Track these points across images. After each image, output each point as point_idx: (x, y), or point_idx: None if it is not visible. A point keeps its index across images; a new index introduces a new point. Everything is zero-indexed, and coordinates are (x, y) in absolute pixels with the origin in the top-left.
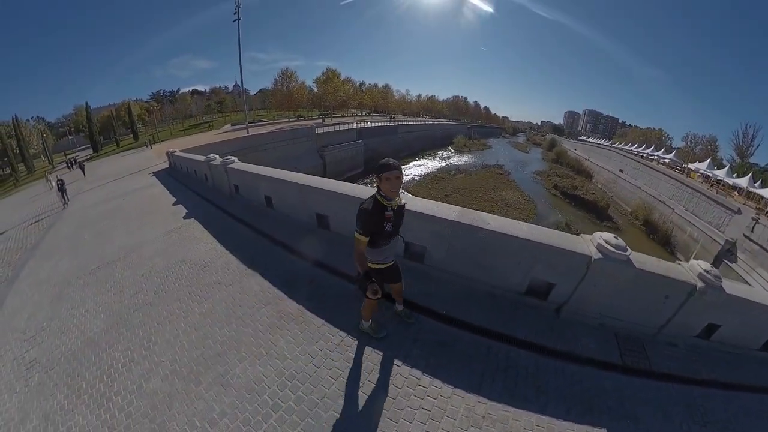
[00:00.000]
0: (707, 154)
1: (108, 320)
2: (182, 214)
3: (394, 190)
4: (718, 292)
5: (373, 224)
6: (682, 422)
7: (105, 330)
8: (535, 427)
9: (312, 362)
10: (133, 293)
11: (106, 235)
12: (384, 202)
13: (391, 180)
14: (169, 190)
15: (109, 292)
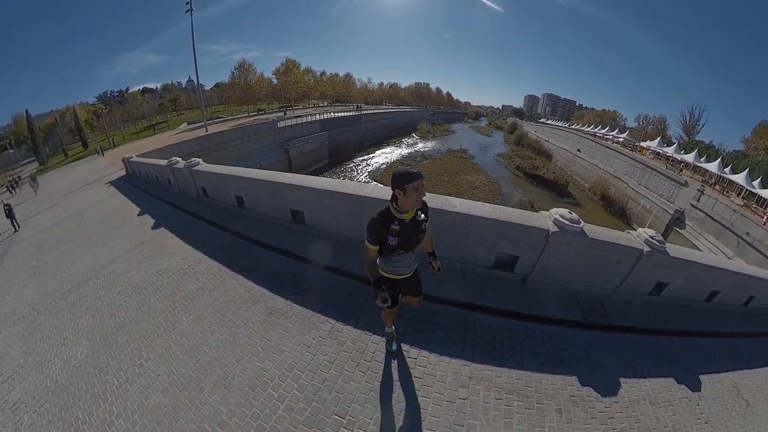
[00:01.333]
0: (657, 132)
1: (91, 344)
2: (150, 224)
3: (420, 200)
4: (662, 255)
5: (378, 235)
6: (642, 366)
7: (90, 355)
8: (515, 381)
9: (308, 351)
10: (112, 312)
11: (69, 257)
12: (395, 214)
13: (419, 190)
14: (131, 200)
15: (86, 315)
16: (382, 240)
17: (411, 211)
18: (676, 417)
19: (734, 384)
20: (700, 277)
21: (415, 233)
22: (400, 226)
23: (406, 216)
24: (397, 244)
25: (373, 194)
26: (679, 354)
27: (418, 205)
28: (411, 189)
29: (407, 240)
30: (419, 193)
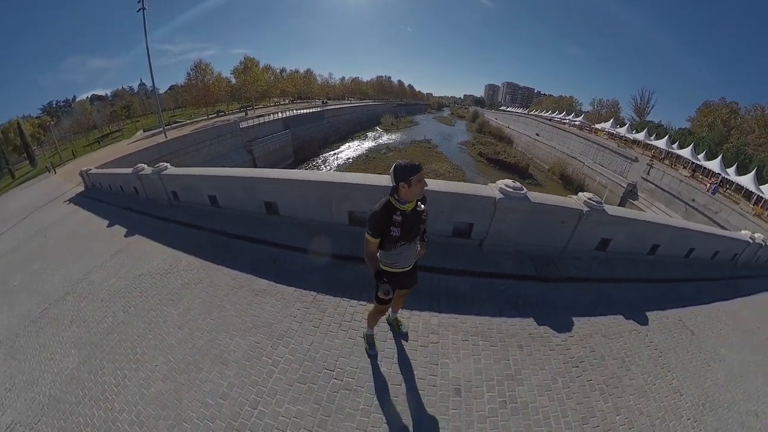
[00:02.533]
0: (611, 115)
1: (82, 353)
2: (122, 233)
3: (421, 192)
4: (600, 213)
5: (381, 227)
6: (593, 307)
7: (82, 362)
8: (478, 325)
9: (294, 320)
10: (98, 319)
11: (40, 276)
12: (397, 205)
13: (422, 182)
14: (95, 213)
15: (70, 327)
16: (385, 232)
17: (412, 202)
18: (627, 346)
19: (679, 318)
20: (640, 232)
21: (416, 223)
22: (403, 217)
23: (408, 207)
24: (399, 235)
25: (339, 180)
26: (626, 297)
27: (420, 196)
28: (415, 180)
29: (409, 230)
30: (423, 184)
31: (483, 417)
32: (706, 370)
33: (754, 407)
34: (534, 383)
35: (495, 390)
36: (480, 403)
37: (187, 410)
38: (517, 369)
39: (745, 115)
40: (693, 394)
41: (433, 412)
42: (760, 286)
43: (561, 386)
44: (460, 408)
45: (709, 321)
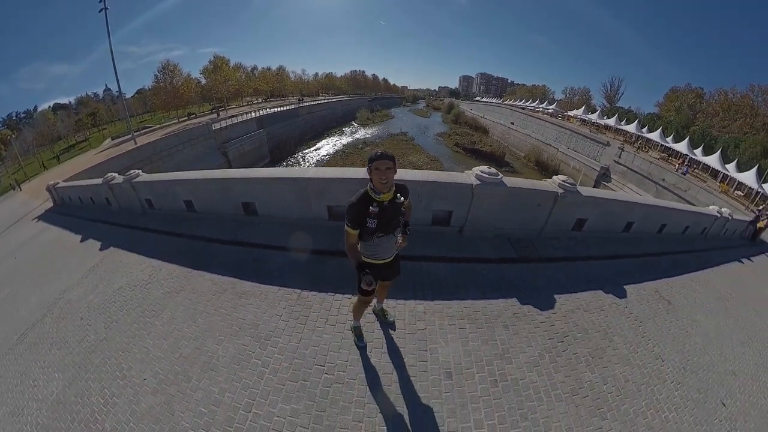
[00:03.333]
0: (583, 102)
1: (66, 375)
2: (97, 247)
3: (383, 181)
4: (575, 195)
5: (357, 217)
6: (573, 285)
7: (67, 385)
8: (463, 309)
9: (281, 319)
10: (80, 339)
11: (13, 301)
12: (372, 195)
13: (380, 171)
14: (67, 229)
15: (51, 350)
16: (362, 222)
17: (388, 193)
18: (608, 318)
19: (655, 290)
20: (614, 210)
21: (394, 215)
22: (379, 208)
23: (384, 197)
24: (376, 227)
25: (316, 175)
26: (604, 273)
27: (384, 188)
28: (373, 168)
29: (387, 222)
30: (381, 174)
31: (476, 397)
32: (684, 336)
33: (732, 367)
34: (522, 360)
35: (485, 370)
36: (471, 384)
37: (180, 422)
38: (505, 348)
39: (710, 99)
40: (674, 359)
41: (426, 397)
42: (728, 257)
43: (548, 361)
44: (453, 391)
45: (684, 291)
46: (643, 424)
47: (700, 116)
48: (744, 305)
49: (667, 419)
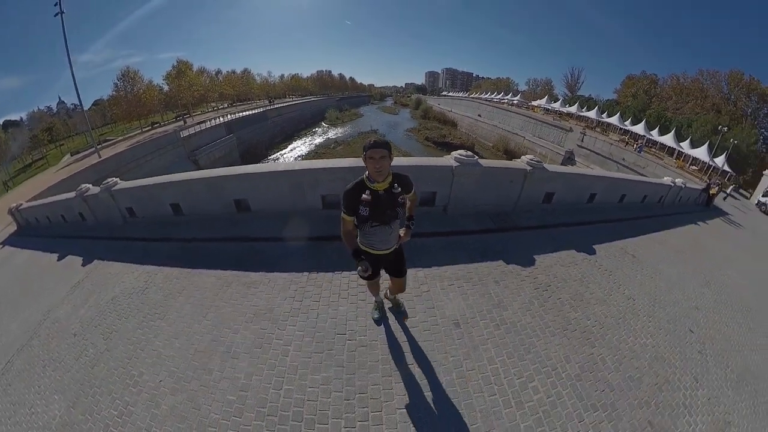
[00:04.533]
0: (546, 92)
1: (68, 395)
2: (78, 263)
3: (377, 170)
4: (542, 171)
5: (351, 204)
6: (548, 246)
7: (71, 405)
8: (457, 272)
9: (294, 300)
10: (77, 355)
11: None
12: (367, 183)
13: (374, 159)
14: (39, 250)
15: (46, 372)
16: (355, 209)
17: (383, 182)
18: (583, 270)
19: (621, 247)
20: (578, 183)
21: (389, 205)
22: (372, 196)
23: (378, 186)
24: (368, 215)
25: (309, 166)
26: (574, 237)
27: (379, 176)
28: (367, 157)
29: (381, 212)
30: (374, 163)
31: (483, 340)
32: (650, 281)
33: (694, 303)
34: (516, 307)
35: (486, 318)
36: (477, 330)
37: (209, 414)
38: (499, 299)
39: (663, 84)
40: (643, 298)
41: (441, 346)
42: (685, 220)
43: (537, 306)
44: (463, 337)
45: (646, 247)
46: (626, 348)
47: (655, 100)
48: (701, 257)
49: (646, 344)
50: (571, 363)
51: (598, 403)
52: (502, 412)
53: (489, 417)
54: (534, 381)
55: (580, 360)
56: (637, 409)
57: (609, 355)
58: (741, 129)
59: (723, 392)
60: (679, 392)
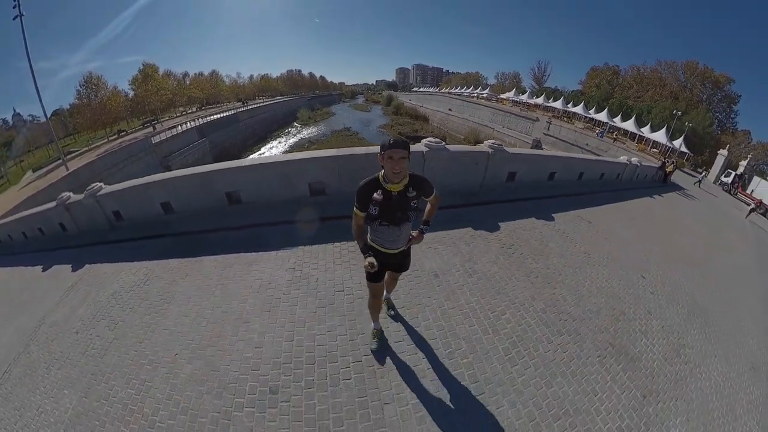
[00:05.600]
0: (514, 85)
1: (79, 387)
2: (68, 269)
3: (396, 171)
4: (502, 152)
5: (363, 200)
6: (507, 215)
7: (84, 395)
8: (433, 237)
9: (294, 269)
10: (83, 350)
11: None
12: (381, 182)
13: (393, 160)
14: (18, 265)
15: (50, 372)
16: (366, 206)
17: (397, 183)
18: (542, 233)
19: (578, 215)
20: (538, 163)
21: (401, 208)
22: (384, 197)
23: (392, 187)
24: (377, 214)
25: (295, 157)
26: (535, 207)
27: (396, 177)
28: (386, 157)
29: (391, 213)
30: (394, 164)
31: (459, 286)
32: (604, 241)
33: (646, 257)
34: (485, 261)
35: (460, 269)
36: (453, 279)
37: (228, 373)
38: (470, 256)
39: (625, 74)
40: (598, 253)
41: (425, 291)
42: (640, 194)
43: (503, 260)
44: (442, 285)
45: (601, 215)
46: (584, 289)
47: (617, 90)
48: (653, 222)
49: (602, 286)
50: (536, 300)
51: (563, 329)
52: (481, 338)
53: (471, 342)
54: (506, 314)
55: (544, 298)
56: (598, 334)
57: (569, 295)
58: (696, 113)
59: (675, 323)
60: (634, 322)
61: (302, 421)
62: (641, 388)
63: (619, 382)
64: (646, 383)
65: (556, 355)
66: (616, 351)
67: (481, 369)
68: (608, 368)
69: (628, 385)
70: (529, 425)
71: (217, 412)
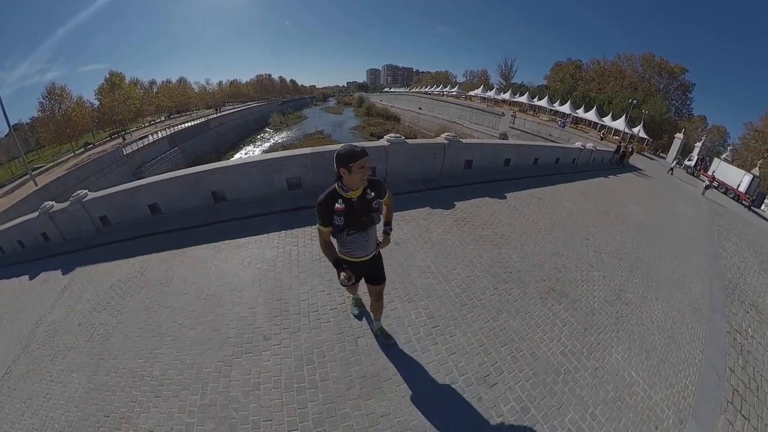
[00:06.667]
0: (482, 82)
1: (86, 370)
2: (58, 274)
3: (364, 178)
4: (457, 143)
5: (326, 214)
6: (463, 196)
7: (92, 374)
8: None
9: (277, 247)
10: (87, 338)
11: None
12: (341, 192)
13: (364, 168)
14: (3, 279)
15: (55, 362)
16: (330, 219)
17: (358, 189)
18: (493, 208)
19: (530, 193)
20: (493, 151)
21: (365, 212)
22: (346, 205)
23: (353, 194)
24: (344, 224)
25: (274, 156)
26: (489, 189)
27: (364, 183)
28: (356, 168)
29: (357, 219)
30: (365, 171)
31: (417, 250)
32: (553, 212)
33: (591, 222)
34: (440, 232)
35: (418, 239)
36: (413, 246)
37: (227, 331)
38: (427, 228)
39: (587, 68)
40: (545, 222)
41: (388, 256)
42: (595, 175)
43: (456, 230)
44: (403, 251)
45: (553, 193)
46: (529, 249)
47: (580, 83)
48: (603, 196)
49: (546, 246)
50: (483, 258)
51: (509, 278)
52: (435, 286)
53: (427, 289)
54: (456, 269)
55: (491, 256)
56: (541, 282)
57: (515, 253)
58: (654, 102)
59: (617, 274)
60: (576, 273)
61: (291, 357)
62: (582, 323)
63: (561, 318)
64: (587, 319)
65: (501, 297)
66: (557, 294)
67: (435, 309)
68: (550, 307)
69: (569, 320)
70: (479, 349)
71: (219, 361)
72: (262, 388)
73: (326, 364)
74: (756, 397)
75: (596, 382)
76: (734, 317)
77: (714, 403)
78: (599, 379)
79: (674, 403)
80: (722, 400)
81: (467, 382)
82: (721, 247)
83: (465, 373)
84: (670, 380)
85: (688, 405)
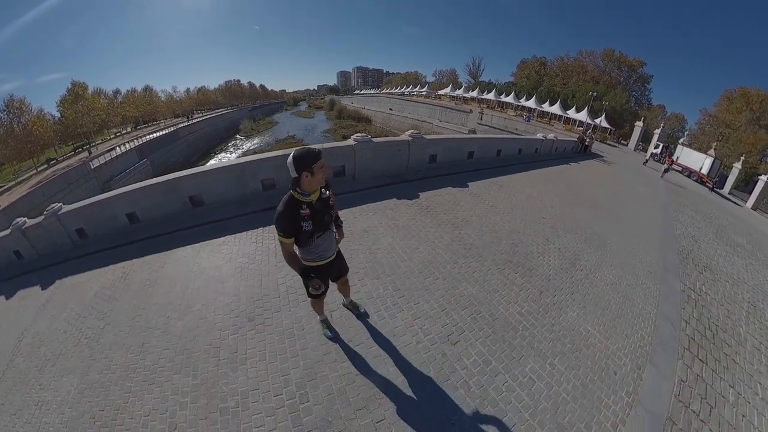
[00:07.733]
0: (450, 81)
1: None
2: (37, 289)
3: (325, 178)
4: (420, 140)
5: (291, 224)
6: (427, 187)
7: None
8: (369, 206)
9: (255, 242)
10: (75, 342)
11: None
12: (300, 198)
13: (324, 167)
14: None
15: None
16: (297, 228)
17: (316, 191)
18: (456, 196)
19: (492, 182)
20: (455, 145)
21: (326, 211)
22: (310, 209)
23: (313, 197)
24: (312, 228)
25: (248, 159)
26: (453, 180)
27: (323, 183)
28: (318, 168)
29: (321, 220)
30: (326, 169)
31: (383, 235)
32: (513, 197)
33: (551, 202)
34: (405, 218)
35: (384, 226)
36: (379, 232)
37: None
38: (393, 217)
39: (551, 65)
40: (504, 205)
41: (356, 240)
42: (557, 163)
43: (420, 216)
44: (370, 237)
45: (515, 180)
46: (487, 229)
47: (545, 79)
48: (564, 182)
49: (504, 226)
50: (444, 238)
51: (468, 254)
52: (400, 263)
53: (392, 266)
54: (419, 248)
55: (451, 237)
56: (498, 255)
57: (473, 233)
58: (614, 94)
59: (573, 245)
60: (532, 247)
61: (274, 333)
62: (538, 287)
63: (518, 284)
64: (543, 284)
65: (461, 269)
66: (513, 265)
67: (400, 282)
68: (507, 275)
69: (525, 285)
70: (441, 313)
71: (208, 344)
72: (249, 362)
73: (305, 336)
74: (712, 344)
75: (553, 337)
76: (688, 278)
77: (671, 350)
78: (556, 333)
79: (631, 351)
80: (679, 348)
81: (431, 341)
82: (677, 220)
83: (429, 333)
84: (626, 332)
85: (645, 353)
